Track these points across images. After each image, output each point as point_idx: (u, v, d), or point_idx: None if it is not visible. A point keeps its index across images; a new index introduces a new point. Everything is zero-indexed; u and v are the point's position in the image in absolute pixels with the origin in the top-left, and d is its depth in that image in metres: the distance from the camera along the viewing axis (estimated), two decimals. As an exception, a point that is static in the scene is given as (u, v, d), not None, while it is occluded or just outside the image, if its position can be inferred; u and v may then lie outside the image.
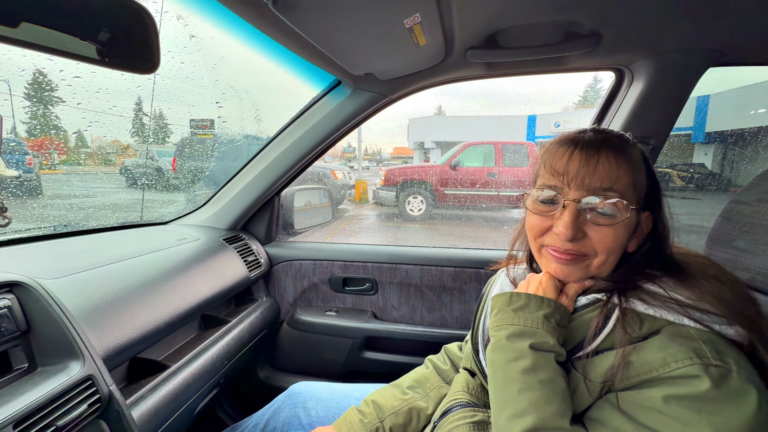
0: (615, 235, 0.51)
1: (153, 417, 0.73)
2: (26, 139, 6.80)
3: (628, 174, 0.51)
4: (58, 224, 1.08)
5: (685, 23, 0.81)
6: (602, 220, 0.51)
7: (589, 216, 0.51)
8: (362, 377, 1.36)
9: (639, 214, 0.53)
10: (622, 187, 0.50)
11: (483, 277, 1.25)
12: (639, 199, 0.53)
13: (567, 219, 0.51)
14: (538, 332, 0.51)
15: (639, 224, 0.54)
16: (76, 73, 1.44)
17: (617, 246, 0.51)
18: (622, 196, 0.50)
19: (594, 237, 0.51)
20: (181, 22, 1.33)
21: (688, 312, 0.44)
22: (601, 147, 0.52)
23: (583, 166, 0.51)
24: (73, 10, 0.49)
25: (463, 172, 6.85)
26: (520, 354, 0.50)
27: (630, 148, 0.53)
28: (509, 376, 0.50)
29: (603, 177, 0.50)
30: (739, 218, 0.62)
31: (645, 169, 0.54)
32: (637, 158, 0.53)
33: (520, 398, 0.48)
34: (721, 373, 0.39)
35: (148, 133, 8.70)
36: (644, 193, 0.54)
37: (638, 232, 0.54)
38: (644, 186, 0.53)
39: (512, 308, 0.54)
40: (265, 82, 19.82)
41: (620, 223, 0.50)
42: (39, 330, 0.61)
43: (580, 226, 0.51)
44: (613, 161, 0.51)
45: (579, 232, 0.51)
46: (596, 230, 0.51)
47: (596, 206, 0.51)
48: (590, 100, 26.76)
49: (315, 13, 0.66)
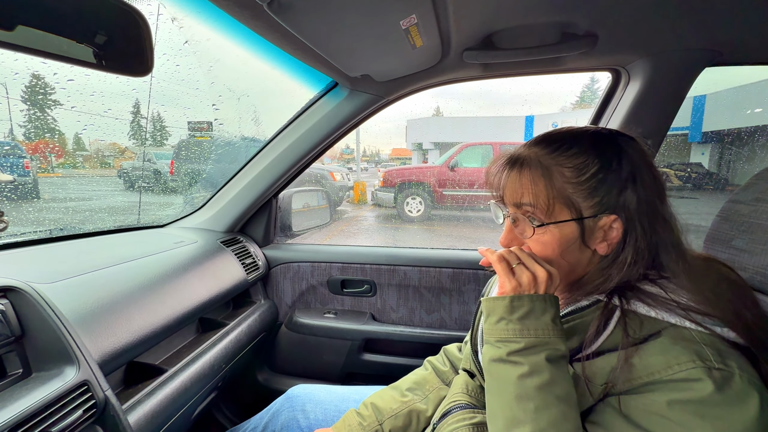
0: (542, 246, 0.53)
1: (150, 421, 0.73)
2: (24, 143, 6.77)
3: (541, 190, 0.52)
4: (55, 228, 1.08)
5: (681, 23, 0.81)
6: (524, 232, 0.55)
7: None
8: (361, 379, 1.36)
9: (595, 219, 0.50)
10: (531, 201, 0.52)
11: (482, 278, 1.25)
12: (572, 209, 0.50)
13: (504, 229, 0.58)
14: (550, 341, 0.47)
15: (599, 228, 0.51)
16: (69, 76, 1.44)
17: (550, 254, 0.53)
18: (531, 213, 0.53)
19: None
20: (176, 25, 1.32)
21: (690, 314, 0.44)
22: (514, 163, 0.55)
23: (504, 180, 0.55)
24: (68, 13, 0.49)
25: (462, 173, 6.85)
26: (535, 368, 0.46)
27: (540, 166, 0.52)
28: (523, 393, 0.46)
29: (513, 192, 0.54)
30: (737, 218, 0.62)
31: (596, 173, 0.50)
32: (547, 175, 0.51)
33: (538, 417, 0.44)
34: (724, 376, 0.39)
35: (146, 136, 8.67)
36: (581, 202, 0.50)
37: (602, 236, 0.51)
38: (569, 195, 0.51)
39: (517, 317, 0.49)
40: (261, 85, 19.83)
41: (546, 234, 0.52)
42: (33, 335, 0.61)
43: (516, 236, 0.57)
44: (526, 177, 0.53)
45: (514, 242, 0.57)
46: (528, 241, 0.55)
47: (516, 218, 0.55)
48: (587, 101, 26.90)
49: (310, 14, 0.66)
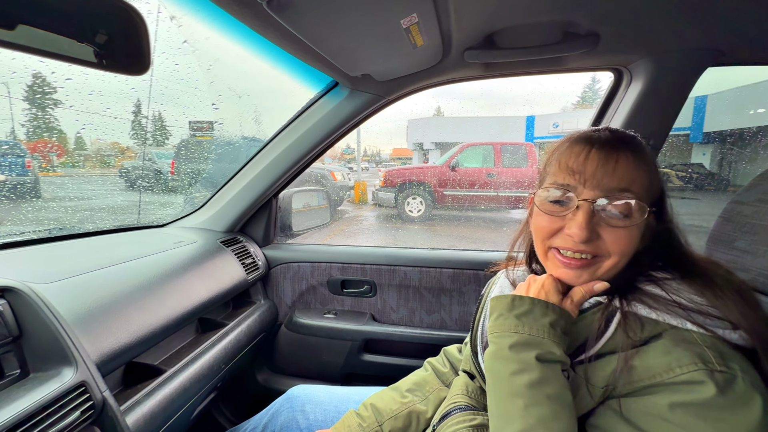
0: (629, 237, 0.49)
1: (149, 422, 0.72)
2: (25, 142, 6.78)
3: (645, 175, 0.50)
4: (54, 227, 1.08)
5: (683, 23, 0.81)
6: (617, 221, 0.49)
7: (603, 216, 0.49)
8: (361, 380, 1.35)
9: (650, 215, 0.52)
10: (638, 188, 0.49)
11: (482, 279, 1.24)
12: (653, 201, 0.51)
13: (581, 219, 0.49)
14: (544, 342, 0.48)
15: (648, 225, 0.52)
16: (68, 75, 1.44)
17: (631, 248, 0.50)
18: (638, 197, 0.49)
19: (608, 239, 0.49)
20: (174, 23, 1.32)
21: (691, 316, 0.44)
22: (620, 147, 0.50)
23: (600, 165, 0.49)
24: (69, 12, 0.48)
25: (462, 173, 6.85)
26: (525, 366, 0.47)
27: (645, 149, 0.52)
28: (514, 390, 0.47)
29: (621, 177, 0.49)
30: (739, 219, 0.61)
31: (656, 171, 0.53)
32: (651, 159, 0.52)
33: (527, 414, 0.44)
34: (726, 378, 0.39)
35: (147, 135, 8.68)
36: (657, 195, 0.52)
37: (646, 233, 0.53)
38: (658, 188, 0.52)
39: (515, 314, 0.51)
40: (261, 84, 19.85)
41: (635, 225, 0.49)
42: (31, 335, 0.60)
43: (594, 227, 0.49)
44: (632, 162, 0.49)
45: (593, 234, 0.49)
46: (610, 232, 0.49)
47: (612, 208, 0.49)
48: (589, 101, 26.85)
49: (311, 13, 0.66)
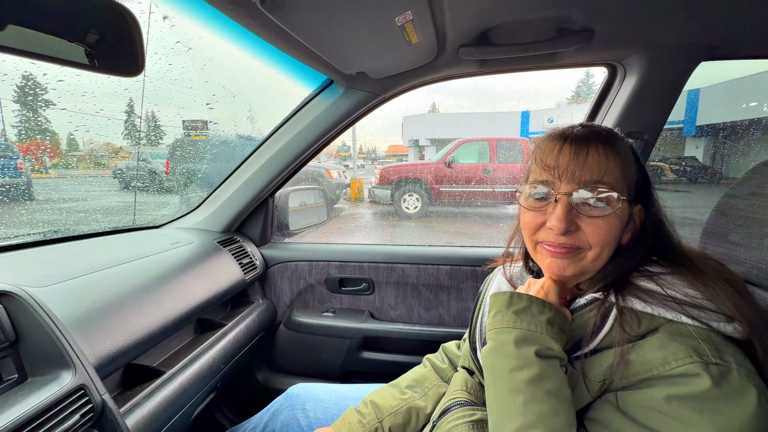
0: (608, 227, 0.51)
1: (149, 424, 0.72)
2: (17, 144, 6.68)
3: (618, 166, 0.52)
4: (49, 230, 1.07)
5: (677, 18, 0.81)
6: (594, 212, 0.51)
7: (581, 209, 0.52)
8: (360, 377, 1.36)
9: (631, 206, 0.54)
10: (612, 179, 0.51)
11: (480, 275, 1.25)
12: (630, 191, 0.53)
13: (559, 212, 0.51)
14: (542, 338, 0.48)
15: (632, 217, 0.54)
16: (60, 77, 1.42)
17: (611, 238, 0.52)
18: (612, 188, 0.51)
19: (587, 230, 0.51)
20: (167, 23, 1.30)
21: (686, 309, 0.44)
22: (590, 140, 0.52)
23: (572, 159, 0.52)
24: (59, 11, 0.48)
25: (458, 169, 6.86)
26: (525, 362, 0.47)
27: (618, 141, 0.54)
28: (514, 386, 0.47)
29: (593, 169, 0.51)
30: (733, 212, 0.62)
31: (635, 162, 0.54)
32: (626, 151, 0.54)
33: (527, 410, 0.45)
34: (721, 371, 0.39)
35: (140, 136, 8.61)
36: (635, 186, 0.54)
37: (631, 225, 0.55)
38: (634, 178, 0.54)
39: (513, 310, 0.52)
40: (256, 83, 19.70)
41: (612, 215, 0.51)
42: (28, 340, 0.60)
43: (573, 219, 0.52)
44: (602, 153, 0.51)
45: (572, 225, 0.52)
46: (589, 222, 0.51)
47: (588, 199, 0.51)
48: (583, 96, 26.91)
49: (304, 11, 0.65)
